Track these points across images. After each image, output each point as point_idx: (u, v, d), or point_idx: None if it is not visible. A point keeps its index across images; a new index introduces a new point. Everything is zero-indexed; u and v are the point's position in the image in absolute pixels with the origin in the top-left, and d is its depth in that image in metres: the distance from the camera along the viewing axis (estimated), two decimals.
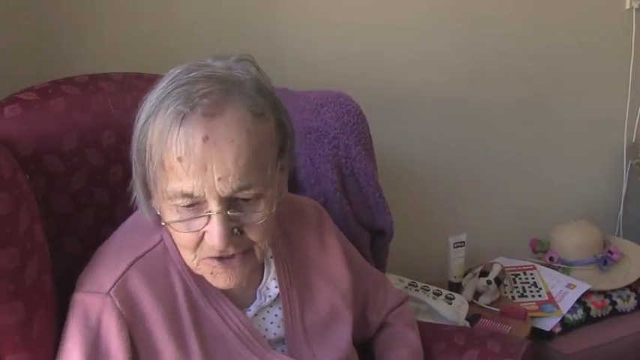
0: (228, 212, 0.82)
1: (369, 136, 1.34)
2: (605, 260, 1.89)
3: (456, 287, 1.73)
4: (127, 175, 0.93)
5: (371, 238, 1.37)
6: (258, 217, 0.85)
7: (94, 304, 0.87)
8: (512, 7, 1.88)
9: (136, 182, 0.89)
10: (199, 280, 0.92)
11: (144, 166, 0.85)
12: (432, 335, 1.26)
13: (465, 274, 1.78)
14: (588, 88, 2.06)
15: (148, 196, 0.90)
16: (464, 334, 1.25)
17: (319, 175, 1.30)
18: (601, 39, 2.05)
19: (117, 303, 0.86)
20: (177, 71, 0.84)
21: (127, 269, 0.89)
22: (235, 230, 0.84)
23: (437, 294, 1.60)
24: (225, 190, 0.80)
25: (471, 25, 1.82)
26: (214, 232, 0.82)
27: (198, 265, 0.88)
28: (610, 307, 1.79)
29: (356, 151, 1.30)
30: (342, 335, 1.05)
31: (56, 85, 1.09)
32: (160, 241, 0.93)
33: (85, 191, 1.06)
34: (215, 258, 0.86)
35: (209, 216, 0.82)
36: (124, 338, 0.86)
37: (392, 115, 1.70)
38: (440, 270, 1.75)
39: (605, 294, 1.80)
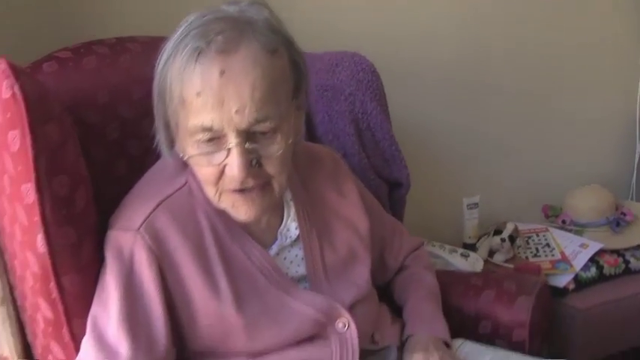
0: (247, 145, 0.87)
1: (384, 93, 1.39)
2: (618, 222, 1.92)
3: (471, 248, 1.78)
4: None
5: (388, 190, 1.42)
6: (275, 149, 0.90)
7: (126, 240, 0.93)
8: None
9: (159, 125, 0.95)
10: (224, 219, 0.98)
11: (165, 105, 0.91)
12: (450, 279, 1.32)
13: (479, 239, 1.83)
14: (600, 55, 2.08)
15: (170, 139, 0.95)
16: (480, 277, 1.31)
17: (337, 130, 1.35)
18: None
19: (147, 239, 0.92)
20: (192, 17, 0.90)
21: (155, 208, 0.95)
22: (254, 162, 0.89)
23: (453, 251, 1.64)
24: (242, 122, 0.86)
25: None
26: (234, 164, 0.87)
27: (220, 198, 0.93)
28: (623, 266, 1.82)
29: (371, 107, 1.35)
30: (361, 274, 1.10)
31: (88, 45, 1.16)
32: (185, 184, 0.99)
33: (119, 142, 1.13)
34: (236, 191, 0.91)
35: (228, 149, 0.87)
36: (154, 272, 0.92)
37: (407, 78, 1.74)
38: (455, 231, 1.80)
39: (619, 253, 1.83)
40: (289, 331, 0.97)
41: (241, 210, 0.93)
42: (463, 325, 1.23)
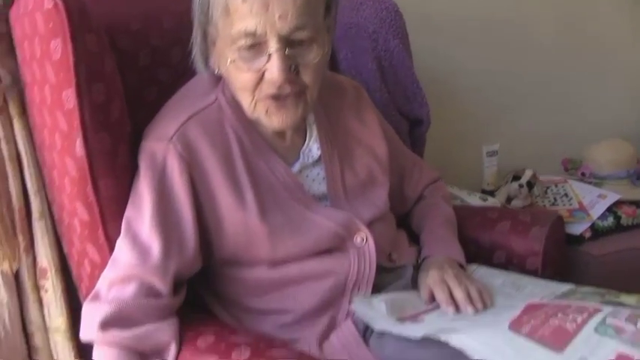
0: (286, 51, 0.93)
1: (406, 32, 1.43)
2: (638, 175, 1.93)
3: (489, 195, 1.81)
4: (186, 56, 1.04)
5: (409, 128, 1.46)
6: (312, 57, 0.96)
7: (158, 149, 0.99)
8: None
9: (197, 38, 1.00)
10: (251, 134, 1.04)
11: (207, 17, 0.96)
12: (466, 212, 1.36)
13: (498, 189, 1.85)
14: (622, 10, 2.08)
15: (206, 54, 1.01)
16: (496, 210, 1.35)
17: (360, 66, 1.40)
18: None
19: (179, 148, 0.98)
20: None
21: (187, 120, 1.00)
22: (292, 68, 0.95)
23: (471, 193, 1.68)
24: (284, 27, 0.91)
25: None
26: (274, 68, 0.92)
27: (255, 107, 0.99)
28: None
29: (394, 45, 1.39)
30: (380, 196, 1.15)
31: None
32: (215, 100, 1.04)
33: (149, 69, 1.17)
34: (272, 98, 0.96)
35: (269, 55, 0.93)
36: (185, 179, 0.97)
37: (433, 22, 1.76)
38: (474, 179, 1.83)
39: (637, 204, 1.84)
40: (309, 241, 1.02)
41: (275, 117, 0.98)
42: (478, 255, 1.27)
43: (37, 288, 1.25)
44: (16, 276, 1.23)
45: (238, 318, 1.05)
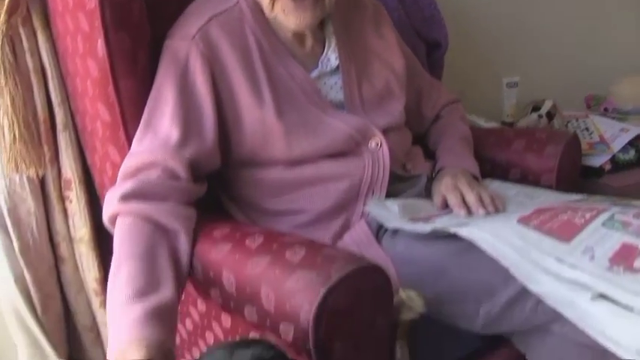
0: None
1: None
2: None
3: (509, 127, 1.80)
4: None
5: (427, 51, 1.46)
6: None
7: (182, 47, 1.01)
8: None
9: None
10: (270, 39, 1.06)
11: None
12: (482, 132, 1.36)
13: (518, 121, 1.84)
14: None
15: None
16: (512, 130, 1.35)
17: None
18: None
19: (201, 46, 1.00)
20: None
21: (209, 21, 1.03)
22: None
23: (489, 121, 1.67)
24: None
25: None
26: None
27: (274, 5, 1.01)
28: None
29: None
30: (396, 107, 1.17)
31: None
32: (236, 3, 1.06)
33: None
34: None
35: None
36: (207, 75, 1.00)
37: None
38: (493, 110, 1.82)
39: None
40: (324, 142, 1.04)
41: (292, 17, 1.01)
42: (493, 173, 1.28)
43: (62, 199, 1.30)
44: (42, 187, 1.28)
45: (254, 219, 1.08)
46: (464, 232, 0.89)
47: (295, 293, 0.73)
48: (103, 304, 1.31)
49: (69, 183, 1.28)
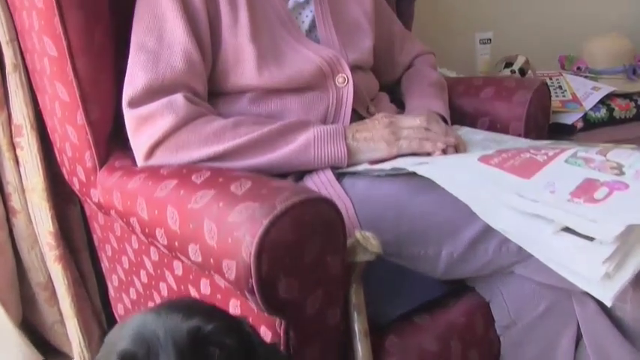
0: None
1: None
2: (634, 69, 1.88)
3: None
4: None
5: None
6: None
7: None
8: None
9: None
10: None
11: None
12: (450, 82, 1.33)
13: None
14: None
15: None
16: (481, 78, 1.31)
17: None
18: None
19: None
20: None
21: None
22: None
23: (460, 75, 1.64)
24: None
25: None
26: None
27: None
28: (634, 111, 1.79)
29: None
30: (365, 43, 1.16)
31: None
32: None
33: None
34: None
35: None
36: None
37: None
38: (467, 67, 1.79)
39: (631, 98, 1.81)
40: (293, 70, 1.02)
41: None
42: (462, 122, 1.25)
43: (13, 146, 1.24)
44: None
45: None
46: (423, 170, 0.85)
47: (238, 226, 0.68)
48: (58, 259, 1.26)
49: (19, 129, 1.22)
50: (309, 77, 1.03)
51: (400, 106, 1.24)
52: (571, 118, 1.72)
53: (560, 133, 1.71)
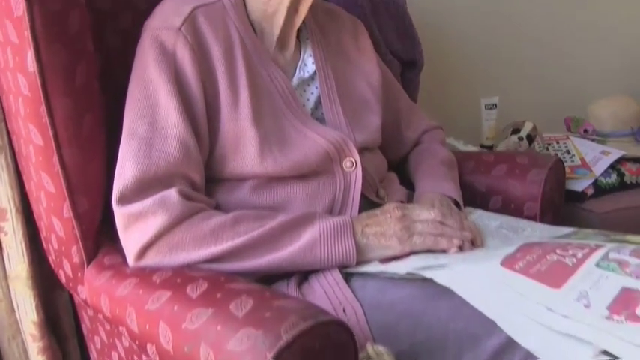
0: None
1: None
2: None
3: (488, 150, 1.72)
4: None
5: (402, 70, 1.37)
6: None
7: (168, 37, 0.92)
8: None
9: None
10: (254, 41, 0.99)
11: None
12: (460, 157, 1.27)
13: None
14: None
15: None
16: (492, 154, 1.26)
17: (349, 1, 1.30)
18: None
19: (188, 36, 0.92)
20: None
21: (192, 11, 0.95)
22: None
23: (468, 144, 1.59)
24: None
25: None
26: None
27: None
28: None
29: None
30: (372, 121, 1.10)
31: None
32: (218, 0, 0.99)
33: (132, 30, 1.05)
34: None
35: None
36: (195, 67, 0.92)
37: None
38: (473, 133, 1.74)
39: None
40: (298, 156, 0.95)
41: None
42: (473, 202, 1.19)
43: None
44: None
45: None
46: (442, 278, 0.78)
47: (238, 356, 0.60)
48: (42, 351, 1.17)
49: (4, 213, 1.15)
50: (315, 163, 0.96)
51: (409, 185, 1.17)
52: (581, 185, 1.67)
53: (571, 200, 1.65)
